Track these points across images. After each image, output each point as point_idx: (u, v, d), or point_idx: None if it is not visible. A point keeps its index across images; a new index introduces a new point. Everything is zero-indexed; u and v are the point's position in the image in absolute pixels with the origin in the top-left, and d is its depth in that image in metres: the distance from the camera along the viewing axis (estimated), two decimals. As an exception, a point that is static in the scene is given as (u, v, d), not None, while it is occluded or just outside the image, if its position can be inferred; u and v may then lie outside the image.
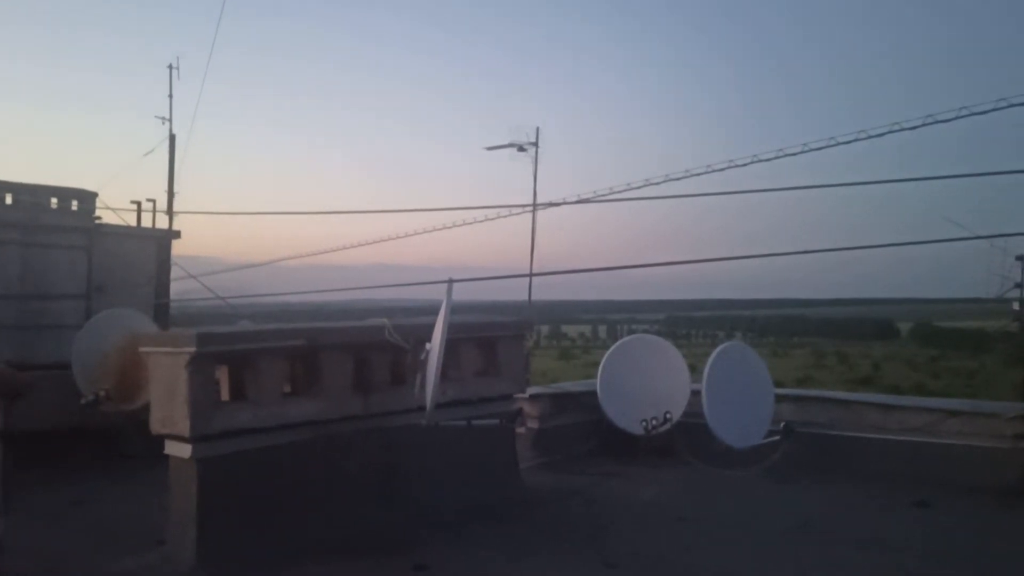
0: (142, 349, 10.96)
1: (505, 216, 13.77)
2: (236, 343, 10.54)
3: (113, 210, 21.63)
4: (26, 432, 15.17)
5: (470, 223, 13.26)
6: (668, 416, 16.08)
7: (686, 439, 16.03)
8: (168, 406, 10.21)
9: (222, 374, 10.89)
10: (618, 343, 17.24)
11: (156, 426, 10.44)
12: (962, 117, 8.29)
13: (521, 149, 16.15)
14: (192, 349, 9.88)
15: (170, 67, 25.75)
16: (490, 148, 16.44)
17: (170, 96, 25.79)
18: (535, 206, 15.47)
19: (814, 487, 14.43)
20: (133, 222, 22.78)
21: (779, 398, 16.54)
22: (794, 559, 10.94)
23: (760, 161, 8.83)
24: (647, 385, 16.51)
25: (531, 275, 15.05)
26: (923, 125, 7.81)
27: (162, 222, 24.29)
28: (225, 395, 10.86)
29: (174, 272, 20.92)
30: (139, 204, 24.20)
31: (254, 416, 10.54)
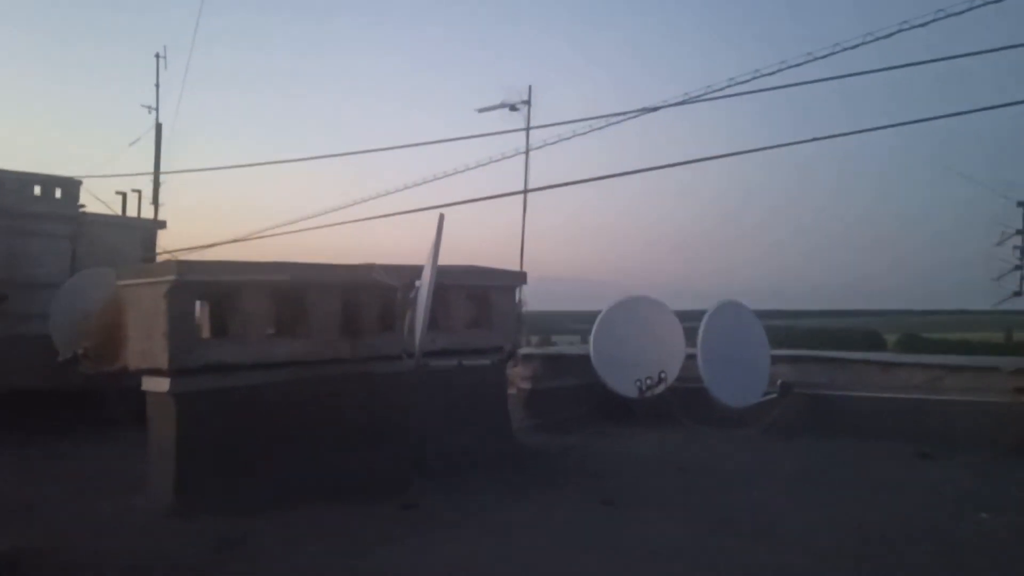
0: (120, 282, 10.57)
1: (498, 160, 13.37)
2: (218, 274, 10.17)
3: (101, 199, 21.37)
4: (5, 392, 14.98)
5: (462, 171, 12.87)
6: (663, 376, 15.77)
7: (682, 401, 15.73)
8: (146, 339, 9.82)
9: (204, 309, 10.53)
10: (613, 304, 16.89)
11: (135, 361, 10.05)
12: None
13: (513, 108, 15.83)
14: (172, 278, 9.51)
15: (157, 56, 25.47)
16: (482, 110, 16.14)
17: (157, 85, 25.54)
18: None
19: (815, 443, 14.10)
20: (123, 211, 22.57)
21: (776, 359, 16.26)
22: (795, 500, 10.61)
23: (764, 76, 8.47)
24: (642, 346, 16.18)
25: (525, 191, 14.66)
26: (933, 20, 7.54)
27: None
28: (207, 331, 10.49)
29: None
30: (124, 194, 23.91)
31: (237, 352, 10.14)
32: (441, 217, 10.56)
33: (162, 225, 21.36)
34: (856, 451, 13.62)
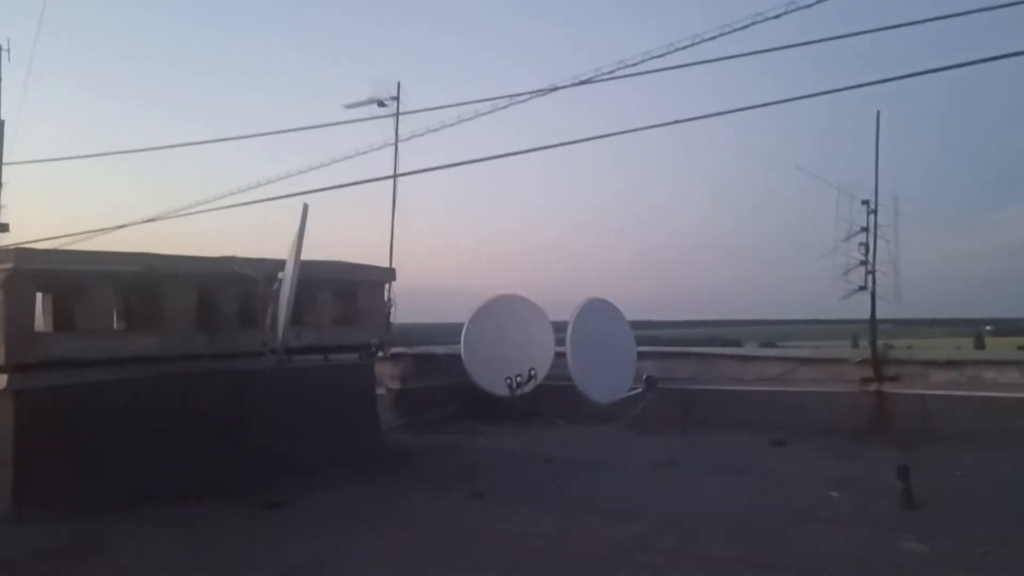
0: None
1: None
2: (62, 263, 9.56)
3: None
4: None
5: (328, 164, 12.56)
6: (532, 373, 15.88)
7: (553, 398, 15.89)
8: (-19, 333, 9.11)
9: (47, 301, 9.88)
10: (483, 303, 16.89)
11: (-32, 356, 9.30)
12: None
13: (381, 104, 15.57)
14: (9, 266, 8.87)
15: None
16: (349, 106, 15.79)
17: (-2, 80, 23.75)
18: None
19: (678, 435, 14.51)
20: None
21: (643, 355, 16.67)
22: (657, 485, 10.90)
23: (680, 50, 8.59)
24: (512, 345, 16.22)
25: (395, 176, 14.35)
26: (785, 13, 7.89)
27: None
28: (49, 324, 9.85)
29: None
30: (-37, 200, 22.08)
31: (82, 347, 9.56)
32: (305, 207, 10.29)
33: (4, 228, 19.93)
34: (717, 441, 14.09)
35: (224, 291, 11.05)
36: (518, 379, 15.74)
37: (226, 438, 10.77)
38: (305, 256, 10.63)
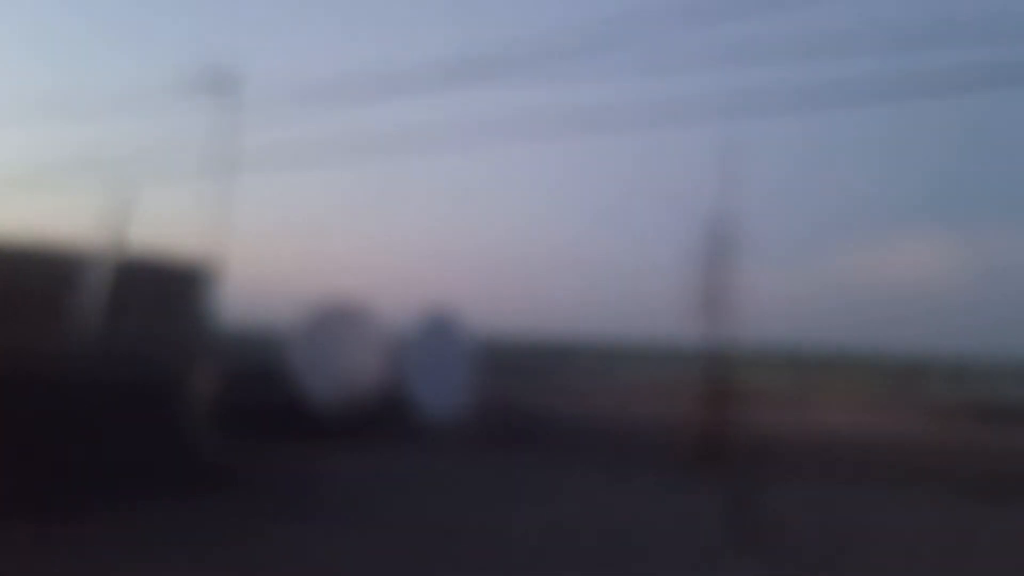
0: None
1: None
2: None
3: None
4: None
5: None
6: (363, 388, 15.20)
7: (381, 413, 15.30)
8: None
9: None
10: (311, 315, 16.00)
11: None
12: None
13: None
14: None
15: None
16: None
17: None
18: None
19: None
20: None
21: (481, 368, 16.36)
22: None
23: None
24: (342, 359, 15.48)
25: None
26: None
27: None
28: None
29: None
30: None
31: None
32: (131, 197, 9.25)
33: None
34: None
35: (23, 281, 9.71)
36: (346, 394, 15.00)
37: (16, 451, 9.41)
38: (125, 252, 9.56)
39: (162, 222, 13.62)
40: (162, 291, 11.75)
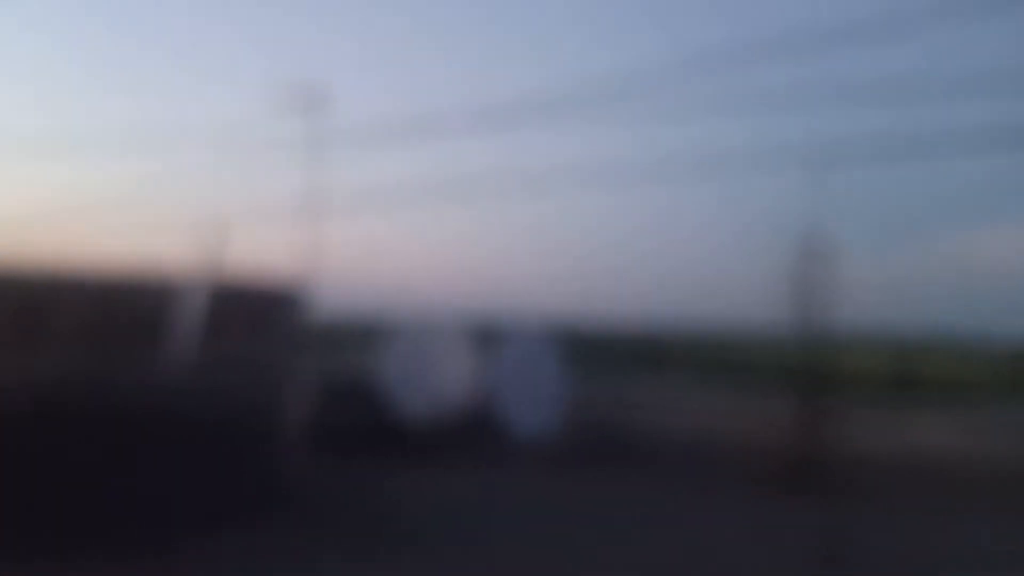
0: None
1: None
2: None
3: None
4: None
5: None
6: (457, 405, 14.96)
7: (474, 432, 15.05)
8: None
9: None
10: (402, 332, 15.83)
11: None
12: None
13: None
14: None
15: None
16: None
17: None
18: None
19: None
20: None
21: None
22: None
23: None
24: (435, 375, 15.26)
25: None
26: None
27: None
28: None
29: None
30: None
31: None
32: (223, 225, 9.18)
33: None
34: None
35: (119, 305, 9.72)
36: (440, 410, 14.78)
37: (111, 482, 9.41)
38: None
39: (254, 246, 13.65)
40: (254, 315, 11.69)
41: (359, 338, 18.04)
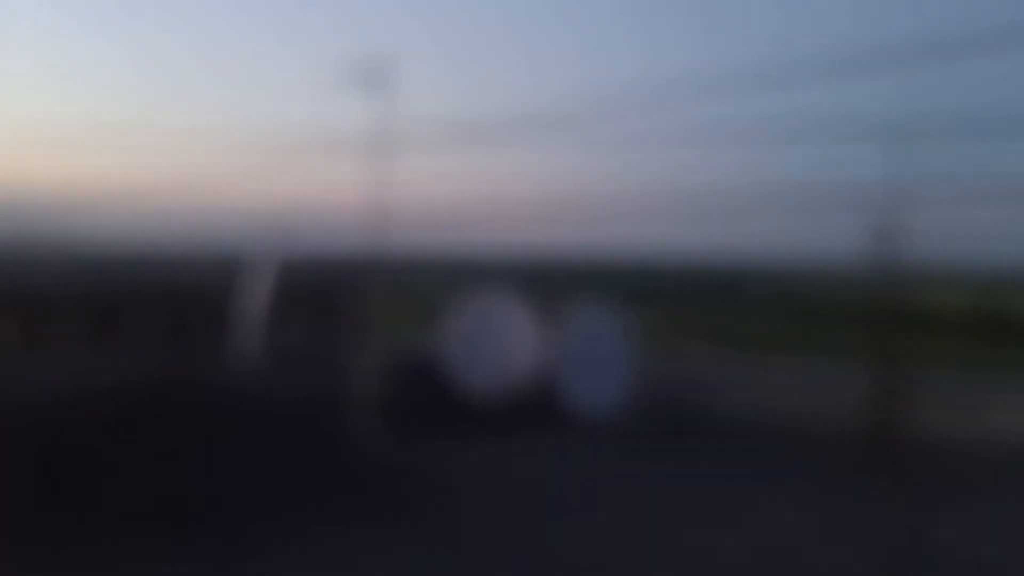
0: None
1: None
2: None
3: None
4: None
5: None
6: (524, 381, 14.89)
7: (541, 409, 15.00)
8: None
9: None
10: (463, 305, 15.68)
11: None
12: None
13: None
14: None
15: None
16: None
17: None
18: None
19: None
20: None
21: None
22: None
23: None
24: (500, 349, 15.18)
25: None
26: None
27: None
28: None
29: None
30: None
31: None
32: (285, 219, 9.12)
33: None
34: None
35: (195, 300, 9.77)
36: (507, 386, 14.74)
37: (193, 458, 9.58)
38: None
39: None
40: (323, 294, 11.71)
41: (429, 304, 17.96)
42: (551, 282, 22.90)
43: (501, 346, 15.27)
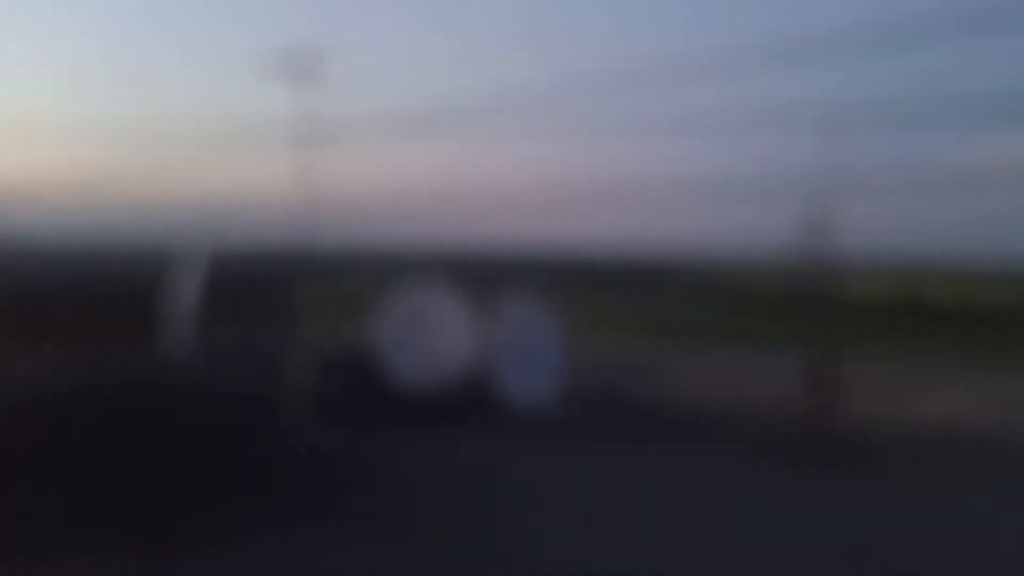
0: None
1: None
2: None
3: None
4: None
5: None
6: (454, 373, 15.02)
7: (470, 399, 15.14)
8: None
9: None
10: (395, 295, 15.70)
11: None
12: None
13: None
14: None
15: None
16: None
17: None
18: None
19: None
20: None
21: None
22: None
23: None
24: (431, 340, 15.25)
25: None
26: None
27: None
28: None
29: None
30: None
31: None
32: (215, 213, 9.04)
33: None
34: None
35: (120, 293, 9.61)
36: (437, 378, 14.84)
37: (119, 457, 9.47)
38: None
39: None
40: (260, 287, 11.63)
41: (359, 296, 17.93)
42: (484, 274, 23.05)
43: (433, 339, 15.35)
